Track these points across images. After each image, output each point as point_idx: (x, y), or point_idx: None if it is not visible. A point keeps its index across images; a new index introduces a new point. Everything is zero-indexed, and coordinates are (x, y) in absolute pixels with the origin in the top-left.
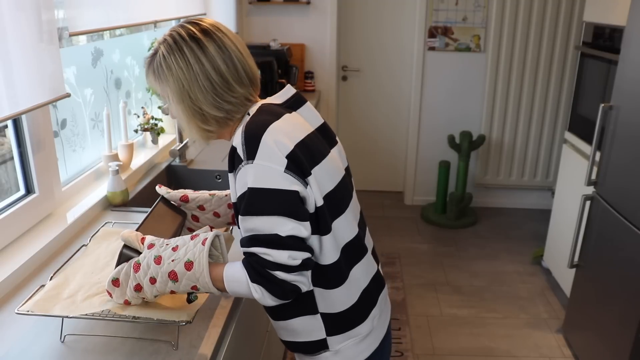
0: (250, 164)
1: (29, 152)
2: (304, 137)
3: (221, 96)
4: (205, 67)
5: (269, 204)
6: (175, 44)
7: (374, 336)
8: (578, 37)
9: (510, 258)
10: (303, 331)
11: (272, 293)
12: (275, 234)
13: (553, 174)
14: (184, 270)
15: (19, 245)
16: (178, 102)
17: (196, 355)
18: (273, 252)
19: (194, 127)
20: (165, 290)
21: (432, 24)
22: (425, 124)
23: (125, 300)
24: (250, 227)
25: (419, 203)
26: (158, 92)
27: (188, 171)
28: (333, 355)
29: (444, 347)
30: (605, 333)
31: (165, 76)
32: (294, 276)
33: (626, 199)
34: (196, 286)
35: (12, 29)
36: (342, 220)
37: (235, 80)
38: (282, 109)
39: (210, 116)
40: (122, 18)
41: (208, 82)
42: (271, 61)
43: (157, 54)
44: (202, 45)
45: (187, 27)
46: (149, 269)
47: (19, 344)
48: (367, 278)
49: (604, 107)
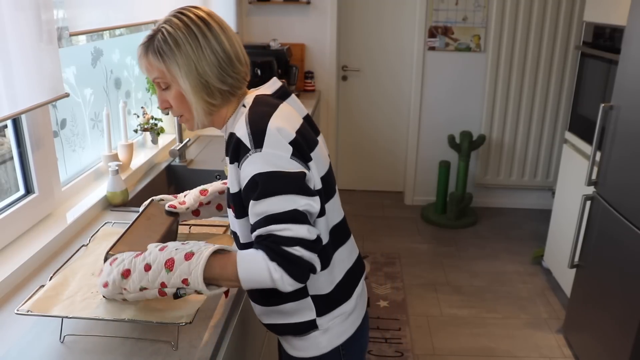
0: (259, 152)
1: (29, 152)
2: (300, 125)
3: (225, 70)
4: (211, 42)
5: (283, 185)
6: (180, 21)
7: (357, 313)
8: (578, 37)
9: (511, 258)
10: (294, 313)
11: (291, 274)
12: (294, 209)
13: (553, 174)
14: (182, 259)
15: (19, 245)
16: (186, 76)
17: (196, 356)
18: (293, 226)
19: (200, 100)
20: (155, 282)
21: (432, 23)
22: (426, 124)
23: (105, 283)
24: (264, 209)
25: (419, 203)
26: (155, 75)
27: (188, 171)
28: (322, 334)
29: (444, 347)
30: (606, 333)
31: (172, 51)
32: (311, 254)
33: (626, 199)
34: (187, 280)
35: (12, 29)
36: (332, 203)
37: (236, 58)
38: (275, 99)
39: (216, 89)
40: (122, 18)
41: (214, 56)
42: (271, 61)
43: (158, 34)
44: (207, 23)
45: (188, 8)
46: (150, 255)
47: (19, 344)
48: (351, 259)
49: (605, 107)
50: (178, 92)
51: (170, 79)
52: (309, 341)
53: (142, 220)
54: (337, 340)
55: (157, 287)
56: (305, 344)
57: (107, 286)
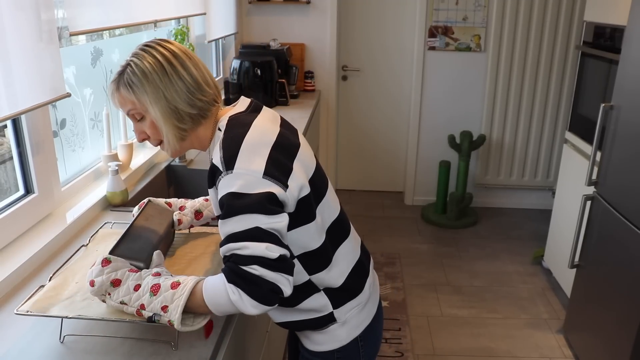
0: (230, 173)
1: (28, 152)
2: (276, 137)
3: (193, 94)
4: (178, 69)
5: (246, 204)
6: (146, 52)
7: (372, 302)
8: (579, 36)
9: (511, 258)
10: (311, 310)
11: (250, 294)
12: (255, 227)
13: (553, 174)
14: (168, 287)
15: (18, 245)
16: (155, 103)
17: (196, 356)
18: (250, 244)
19: (170, 126)
20: (136, 302)
21: (432, 23)
22: (426, 124)
23: (92, 282)
24: (228, 229)
25: (419, 203)
26: (128, 107)
27: (188, 171)
28: (341, 326)
29: (444, 348)
30: (606, 333)
31: (141, 82)
32: (273, 274)
33: (627, 199)
34: (167, 308)
35: (12, 29)
36: (325, 203)
37: (204, 82)
38: (248, 115)
39: (185, 114)
40: (122, 18)
41: (181, 82)
42: (271, 61)
43: (127, 69)
44: (172, 51)
45: (155, 41)
46: (143, 277)
47: (18, 345)
48: (356, 250)
49: (605, 106)
50: (151, 122)
51: (142, 109)
52: (329, 334)
53: (140, 220)
54: (356, 331)
55: (136, 307)
56: (325, 337)
57: (93, 285)
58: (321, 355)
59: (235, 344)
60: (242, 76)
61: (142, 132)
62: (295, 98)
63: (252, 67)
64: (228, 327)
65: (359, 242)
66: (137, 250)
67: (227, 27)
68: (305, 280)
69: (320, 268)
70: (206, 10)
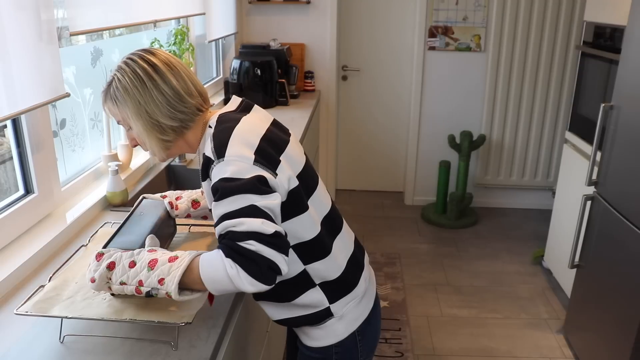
0: (222, 161)
1: (28, 152)
2: (265, 131)
3: (174, 107)
4: (158, 82)
5: (240, 186)
6: (128, 67)
7: (369, 296)
8: (579, 36)
9: (511, 258)
10: (308, 305)
11: (247, 270)
12: (250, 204)
13: (554, 174)
14: (165, 261)
15: (18, 245)
16: (137, 119)
17: (196, 356)
18: (246, 219)
19: (153, 139)
20: (134, 279)
21: (432, 23)
22: (426, 124)
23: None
24: (222, 210)
25: (419, 203)
26: (117, 118)
27: (187, 171)
28: (338, 320)
29: (444, 348)
30: (606, 333)
31: (123, 97)
32: (269, 250)
33: (627, 199)
34: (163, 280)
35: (12, 29)
36: (315, 197)
37: (186, 92)
38: (237, 114)
39: (167, 126)
40: (121, 18)
41: (162, 95)
42: (271, 61)
43: (112, 83)
44: (153, 64)
45: (137, 53)
46: (138, 255)
47: (18, 345)
48: (350, 244)
49: (605, 106)
50: (137, 133)
51: (128, 121)
52: (327, 329)
53: (134, 217)
54: (353, 325)
55: (134, 285)
56: (322, 332)
57: (94, 281)
58: (319, 350)
59: (235, 344)
60: (242, 76)
61: (133, 139)
62: (295, 98)
63: (252, 67)
64: (228, 327)
65: (352, 237)
66: (130, 242)
67: (227, 27)
68: (301, 271)
69: (316, 258)
70: (206, 10)
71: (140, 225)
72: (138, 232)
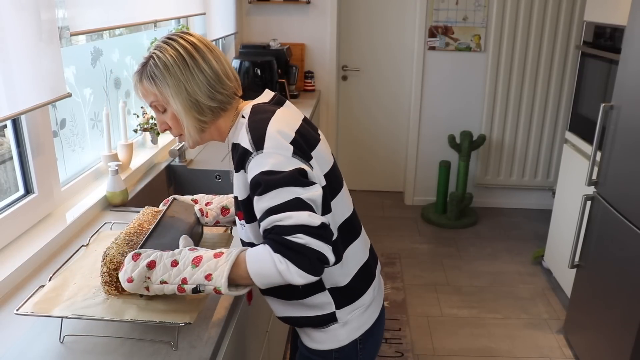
0: (261, 153)
1: (28, 152)
2: (299, 126)
3: (214, 87)
4: (199, 62)
5: (282, 178)
6: (168, 45)
7: (375, 305)
8: (579, 36)
9: (511, 258)
10: (314, 306)
11: (297, 264)
12: (294, 197)
13: (554, 174)
14: (211, 257)
15: (18, 245)
16: (177, 96)
17: (196, 356)
18: (293, 213)
19: (190, 118)
20: (177, 278)
21: (432, 23)
22: (426, 124)
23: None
24: (266, 204)
25: (419, 203)
26: (152, 99)
27: (188, 171)
28: (342, 326)
29: (444, 348)
30: (607, 333)
31: (163, 75)
32: (317, 242)
33: (627, 199)
34: (211, 275)
35: (12, 29)
36: (339, 199)
37: (224, 74)
38: (271, 106)
39: (206, 106)
40: (122, 18)
41: (202, 75)
42: (271, 61)
43: (150, 61)
44: (194, 44)
45: (177, 34)
46: (180, 254)
47: (18, 345)
48: (365, 252)
49: (605, 106)
50: (173, 114)
51: (164, 101)
52: (329, 334)
53: (166, 217)
54: (356, 332)
55: (177, 283)
56: (324, 336)
57: (132, 281)
58: (319, 353)
59: (235, 344)
60: (242, 76)
61: (163, 122)
62: (296, 98)
63: (252, 67)
64: (228, 327)
65: (369, 245)
66: (166, 245)
67: (227, 27)
68: None
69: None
70: (206, 10)
71: (174, 227)
72: (173, 235)
